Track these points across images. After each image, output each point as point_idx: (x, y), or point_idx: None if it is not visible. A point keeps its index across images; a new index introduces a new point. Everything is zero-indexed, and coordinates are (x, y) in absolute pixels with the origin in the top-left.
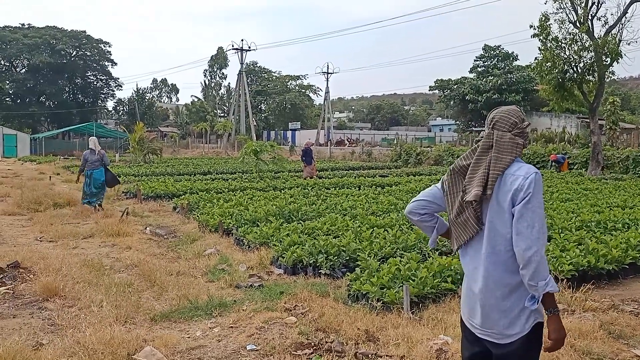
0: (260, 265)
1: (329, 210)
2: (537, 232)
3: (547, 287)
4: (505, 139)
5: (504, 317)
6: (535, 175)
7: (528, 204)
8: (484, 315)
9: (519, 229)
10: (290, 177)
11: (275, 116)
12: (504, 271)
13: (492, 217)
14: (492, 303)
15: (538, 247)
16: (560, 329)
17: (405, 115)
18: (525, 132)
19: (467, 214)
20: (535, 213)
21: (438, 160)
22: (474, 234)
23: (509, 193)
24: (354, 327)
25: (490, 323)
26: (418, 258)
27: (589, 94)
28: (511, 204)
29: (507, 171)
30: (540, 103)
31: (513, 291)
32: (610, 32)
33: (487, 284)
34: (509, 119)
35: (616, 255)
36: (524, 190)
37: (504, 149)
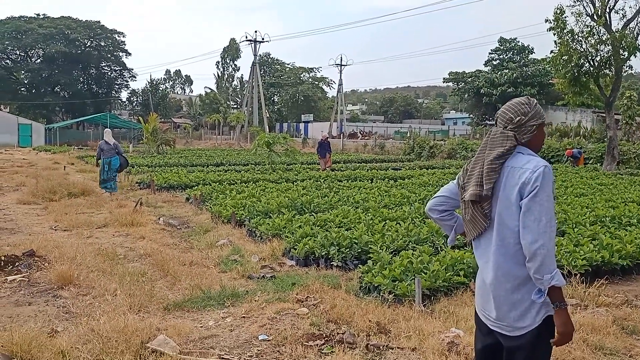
0: (272, 257)
1: (341, 202)
2: (544, 226)
3: (552, 281)
4: (497, 135)
5: (514, 310)
6: (544, 168)
7: (535, 197)
8: (496, 308)
9: (526, 222)
10: (303, 169)
11: (288, 108)
12: (514, 264)
13: (500, 211)
14: (502, 295)
15: (544, 241)
16: (567, 324)
17: (418, 108)
18: (524, 126)
19: (475, 211)
20: (542, 206)
21: (451, 153)
22: (482, 230)
23: (517, 186)
24: (366, 319)
25: (501, 315)
26: (430, 251)
27: (605, 88)
28: (519, 197)
29: (516, 164)
30: (556, 97)
31: (523, 284)
32: (628, 25)
33: (497, 277)
34: (505, 114)
35: (630, 250)
36: (531, 183)
37: (495, 144)
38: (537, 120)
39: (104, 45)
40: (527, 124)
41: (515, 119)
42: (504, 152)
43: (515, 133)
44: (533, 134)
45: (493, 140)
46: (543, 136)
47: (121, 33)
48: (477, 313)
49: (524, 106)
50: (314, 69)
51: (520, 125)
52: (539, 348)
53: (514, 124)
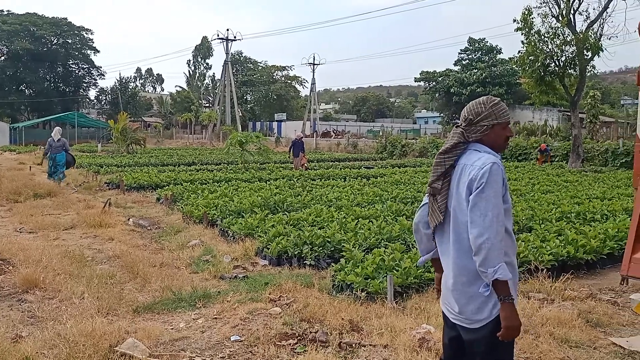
0: (244, 257)
1: (314, 201)
2: (490, 221)
3: (495, 274)
4: (451, 132)
5: (472, 303)
6: (491, 165)
7: (482, 193)
8: (456, 301)
9: (472, 217)
10: (276, 169)
11: (261, 107)
12: (469, 258)
13: (454, 207)
14: (459, 289)
15: (490, 235)
16: (511, 317)
17: (390, 107)
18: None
19: (433, 204)
20: (489, 202)
21: (423, 152)
22: (437, 223)
23: (466, 183)
24: (338, 317)
25: (460, 308)
26: (402, 248)
27: (570, 88)
28: (468, 193)
29: (468, 162)
30: (523, 96)
31: (478, 278)
32: (591, 26)
33: (454, 271)
34: (463, 112)
35: (595, 245)
36: (478, 179)
37: (447, 140)
38: (491, 120)
39: (71, 42)
40: (479, 123)
41: (467, 118)
42: (450, 148)
43: (464, 130)
44: (484, 133)
45: (448, 137)
46: (502, 136)
47: (89, 30)
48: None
49: (479, 106)
50: (287, 68)
51: (471, 124)
52: (497, 341)
53: (465, 121)
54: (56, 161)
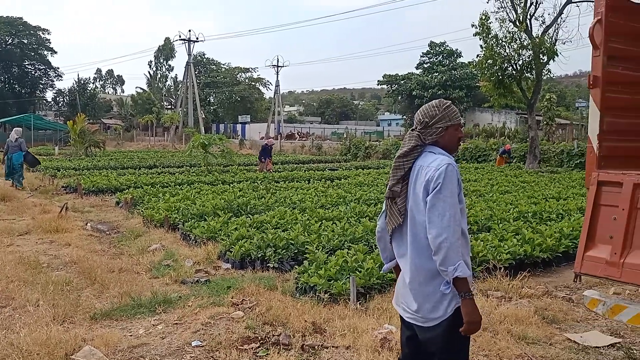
0: (207, 260)
1: (278, 203)
2: (448, 220)
3: (456, 272)
4: (407, 135)
5: (427, 302)
6: (447, 166)
7: (439, 193)
8: (412, 300)
9: (430, 217)
10: (240, 171)
11: (224, 109)
12: (426, 257)
13: (411, 207)
14: (416, 288)
15: (448, 234)
16: (472, 313)
17: (354, 109)
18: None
19: (392, 207)
20: (445, 202)
21: (386, 154)
22: (396, 225)
23: (423, 184)
24: (302, 320)
25: (416, 307)
26: (365, 250)
27: (527, 91)
28: (425, 194)
29: (424, 163)
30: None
31: (435, 276)
32: (547, 31)
33: (411, 270)
34: (417, 115)
35: (550, 244)
36: (434, 180)
37: (404, 144)
38: (445, 122)
39: (27, 43)
40: (434, 125)
41: (422, 121)
42: (407, 151)
43: (420, 133)
44: (440, 135)
45: (404, 140)
46: (455, 137)
47: (46, 30)
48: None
49: (433, 109)
50: (251, 70)
51: (426, 126)
52: (452, 339)
53: (421, 124)
54: (12, 161)
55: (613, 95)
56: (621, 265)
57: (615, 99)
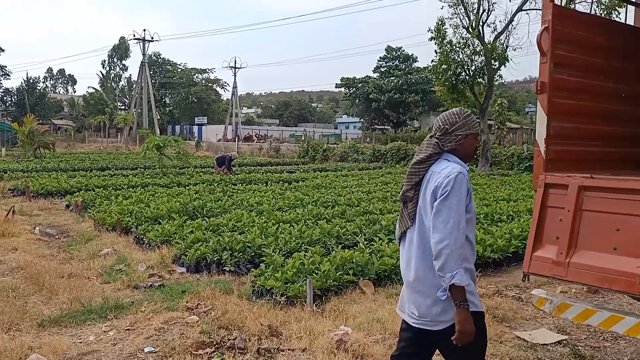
0: (161, 264)
1: (235, 206)
2: (451, 228)
3: (452, 280)
4: (424, 142)
5: (436, 305)
6: (457, 174)
7: (445, 200)
8: (418, 305)
9: (435, 223)
10: (196, 173)
11: (180, 110)
12: (432, 262)
13: (420, 212)
14: (424, 291)
15: (450, 241)
16: (465, 322)
17: (312, 112)
18: (449, 135)
19: (403, 210)
20: (451, 210)
21: (344, 156)
22: (405, 229)
23: (432, 190)
24: (258, 323)
25: (424, 311)
26: (322, 252)
27: (479, 96)
28: (433, 200)
29: (436, 169)
30: (437, 103)
31: (436, 286)
32: (498, 38)
33: (418, 274)
34: (436, 122)
35: (501, 245)
36: (442, 187)
37: (421, 150)
38: (464, 130)
39: None
40: (453, 133)
41: (442, 128)
42: (425, 158)
43: (438, 140)
44: (459, 143)
45: (421, 146)
46: (473, 146)
47: None
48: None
49: (454, 116)
50: (208, 71)
51: (446, 133)
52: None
53: (440, 131)
54: None
55: (559, 101)
56: (567, 264)
57: (561, 104)
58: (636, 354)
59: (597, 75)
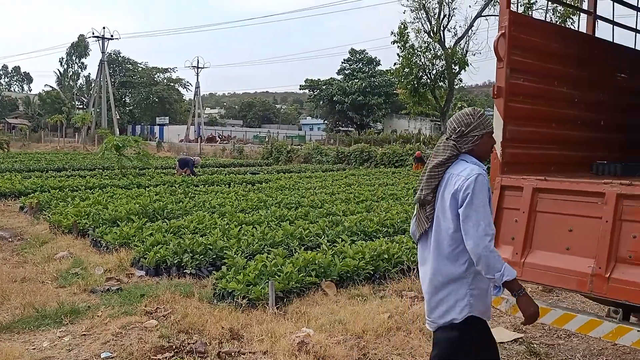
0: (119, 268)
1: (196, 208)
2: (484, 230)
3: (504, 277)
4: (441, 144)
5: (441, 306)
6: (476, 176)
7: (471, 204)
8: (428, 303)
9: (466, 229)
10: (157, 174)
11: (141, 110)
12: (445, 264)
13: (438, 214)
14: (433, 292)
15: (485, 244)
16: (529, 305)
17: (277, 113)
18: (466, 136)
19: (421, 213)
20: (479, 212)
21: (307, 158)
22: (423, 231)
23: (451, 193)
24: (219, 326)
25: (430, 310)
26: (285, 254)
27: (440, 99)
28: (454, 203)
29: (455, 171)
30: (400, 106)
31: (451, 282)
32: (458, 43)
33: (431, 275)
34: (450, 124)
35: None
36: (463, 190)
37: (438, 153)
38: (480, 130)
39: None
40: (470, 134)
41: (457, 129)
42: (443, 161)
43: (455, 142)
44: (475, 143)
45: (437, 149)
46: (489, 145)
47: None
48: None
49: (468, 117)
50: (169, 70)
51: (462, 135)
52: (460, 343)
53: (456, 133)
54: None
55: (515, 105)
56: (522, 264)
57: (517, 108)
58: (588, 351)
59: (551, 81)
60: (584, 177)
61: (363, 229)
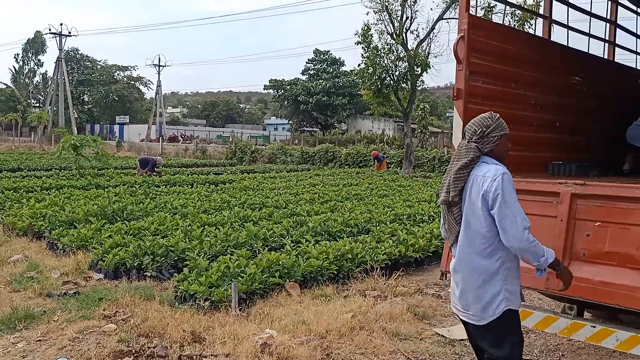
0: (77, 271)
1: (158, 209)
2: (521, 224)
3: (547, 262)
4: (462, 147)
5: (479, 302)
6: (502, 176)
7: (504, 202)
8: (464, 300)
9: (504, 227)
10: (117, 175)
11: (100, 109)
12: (479, 262)
13: (467, 215)
14: (469, 289)
15: (526, 236)
16: (569, 276)
17: (240, 113)
18: (486, 137)
19: (449, 217)
20: (511, 208)
21: (272, 158)
22: (457, 233)
23: (480, 194)
24: (180, 330)
25: (467, 306)
26: (248, 255)
27: (403, 100)
28: (484, 204)
29: (479, 173)
30: (364, 107)
31: (487, 280)
32: (421, 45)
33: (465, 273)
34: (470, 127)
35: (422, 244)
36: (493, 191)
37: (461, 155)
38: (499, 132)
39: None
40: (490, 135)
41: (478, 131)
42: (468, 163)
43: (477, 145)
44: (496, 144)
45: (459, 151)
46: (506, 146)
47: None
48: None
49: (487, 120)
50: (130, 68)
51: (483, 136)
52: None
53: (477, 135)
54: None
55: (474, 107)
56: None
57: (476, 110)
58: (545, 347)
59: (509, 83)
60: (540, 177)
61: (327, 229)
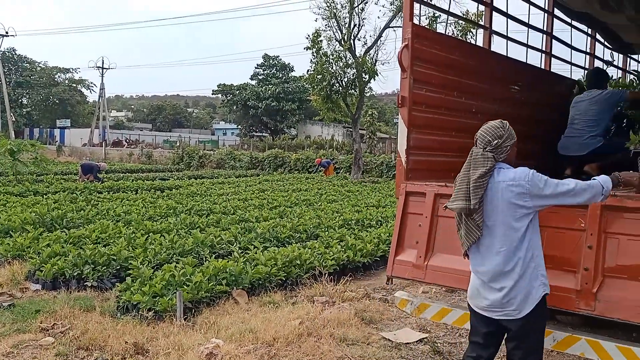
0: (12, 282)
1: (100, 216)
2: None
3: (607, 191)
4: (478, 156)
5: (521, 294)
6: (529, 172)
7: (547, 183)
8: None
9: (565, 199)
10: (56, 181)
11: (40, 112)
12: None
13: (504, 218)
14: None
15: (582, 186)
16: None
17: (188, 117)
18: (501, 147)
19: (468, 223)
20: (555, 183)
21: (220, 163)
22: (476, 239)
23: (517, 197)
24: (122, 341)
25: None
26: (194, 262)
27: (352, 106)
28: (522, 203)
29: (506, 179)
30: (313, 112)
31: (522, 276)
32: (368, 52)
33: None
34: (484, 137)
35: (370, 249)
36: (534, 184)
37: (477, 164)
38: (510, 140)
39: None
40: (503, 145)
41: (493, 142)
42: (486, 172)
43: (494, 154)
44: (508, 152)
45: (475, 160)
46: (515, 151)
47: None
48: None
49: (499, 130)
50: (72, 70)
51: (498, 146)
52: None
53: (492, 146)
54: None
55: (418, 114)
56: (425, 267)
57: (420, 117)
58: None
59: (451, 91)
60: None
61: (276, 235)
